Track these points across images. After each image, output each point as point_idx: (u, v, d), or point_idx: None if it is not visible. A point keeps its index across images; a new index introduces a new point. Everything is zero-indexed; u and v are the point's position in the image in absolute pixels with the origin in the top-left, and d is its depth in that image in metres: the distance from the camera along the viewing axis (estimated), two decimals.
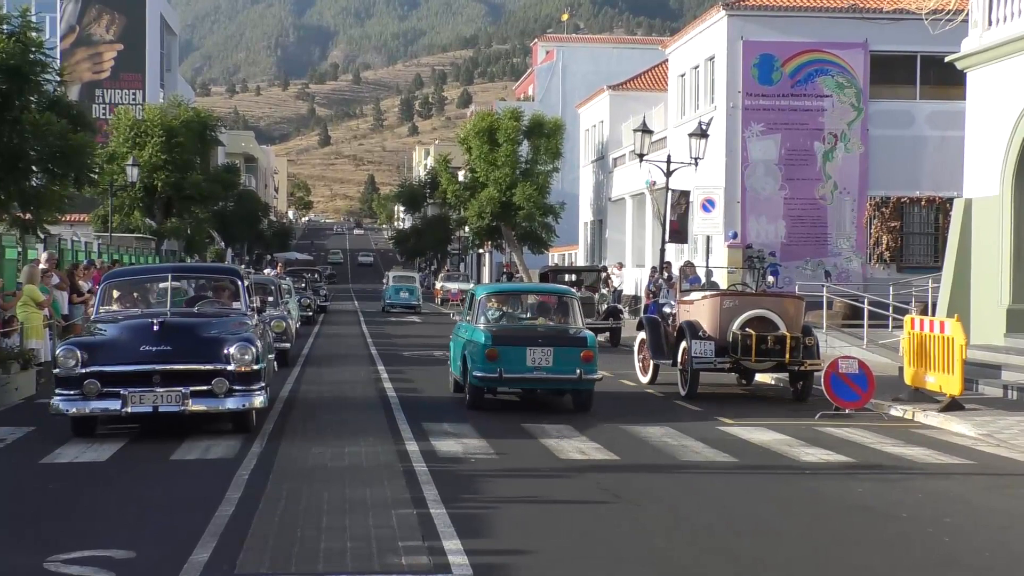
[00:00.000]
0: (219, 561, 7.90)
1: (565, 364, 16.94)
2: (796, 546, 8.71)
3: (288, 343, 23.92)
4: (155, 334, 13.06)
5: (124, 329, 13.69)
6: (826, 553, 8.51)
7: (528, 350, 17.04)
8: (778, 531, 9.18)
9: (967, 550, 8.70)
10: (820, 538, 9.03)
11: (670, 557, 8.32)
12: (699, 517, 9.75)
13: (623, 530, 9.26)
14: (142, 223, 48.68)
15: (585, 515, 9.82)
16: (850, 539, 8.97)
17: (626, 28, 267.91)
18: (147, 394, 12.82)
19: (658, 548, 8.63)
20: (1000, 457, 13.15)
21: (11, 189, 24.86)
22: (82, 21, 62.98)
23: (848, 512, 9.99)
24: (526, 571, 7.86)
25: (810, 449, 13.29)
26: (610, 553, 8.45)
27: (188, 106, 54.51)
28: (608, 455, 12.78)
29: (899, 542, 8.90)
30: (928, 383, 16.82)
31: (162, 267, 20.61)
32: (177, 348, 13.05)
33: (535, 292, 22.14)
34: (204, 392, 12.91)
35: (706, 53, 38.98)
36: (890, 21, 34.35)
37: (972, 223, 21.47)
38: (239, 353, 12.99)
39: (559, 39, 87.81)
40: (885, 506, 10.24)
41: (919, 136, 35.86)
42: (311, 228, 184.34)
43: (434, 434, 14.14)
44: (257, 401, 13.37)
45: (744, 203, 36.22)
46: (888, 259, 36.37)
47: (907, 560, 8.32)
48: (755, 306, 18.76)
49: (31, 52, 24.66)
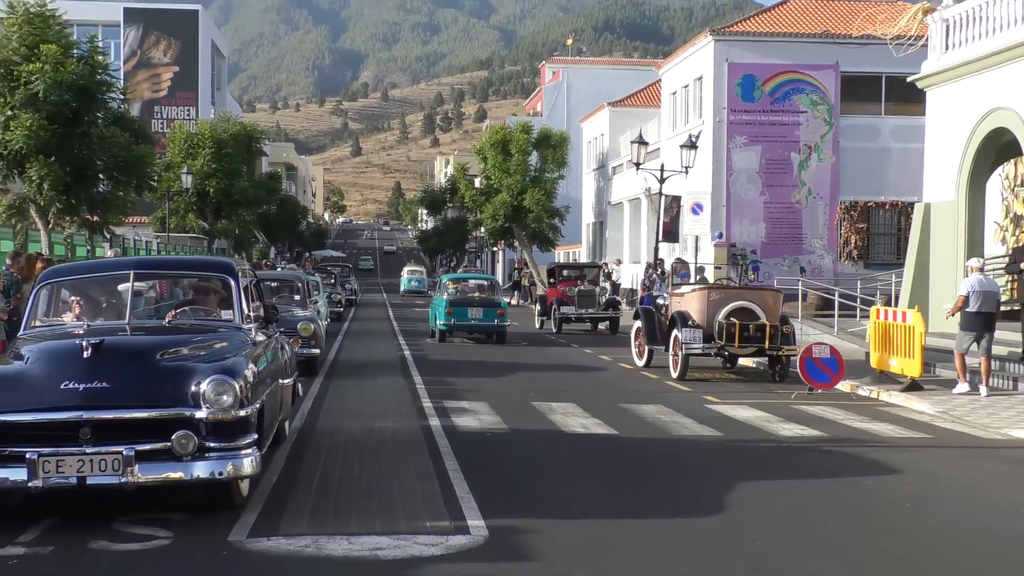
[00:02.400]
0: (264, 522, 7.95)
1: (489, 317, 27.11)
2: (774, 510, 8.72)
3: (318, 348, 18.76)
4: (85, 364, 7.54)
5: (42, 356, 7.98)
6: (799, 516, 8.52)
7: (469, 309, 27.15)
8: (758, 498, 9.19)
9: (927, 514, 8.71)
10: (795, 503, 9.03)
11: (660, 518, 8.35)
12: (688, 485, 9.78)
13: (623, 496, 9.29)
14: (195, 224, 48.77)
15: (589, 483, 9.83)
16: (821, 505, 8.98)
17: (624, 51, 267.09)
18: (68, 458, 7.33)
19: (653, 511, 8.66)
20: (955, 432, 13.15)
21: (81, 195, 24.97)
22: (143, 46, 63.07)
23: (820, 481, 9.99)
24: (536, 533, 7.86)
25: (787, 425, 13.31)
26: (613, 515, 8.48)
27: (236, 121, 54.54)
28: (608, 430, 12.79)
29: (865, 507, 8.92)
30: (891, 366, 16.83)
31: (121, 261, 12.10)
32: (118, 385, 7.55)
33: (474, 278, 32.96)
34: (158, 453, 7.51)
35: (695, 73, 38.98)
36: (858, 46, 34.23)
37: (931, 225, 21.45)
38: (214, 392, 7.56)
39: (564, 61, 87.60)
40: (853, 475, 10.26)
41: (884, 148, 35.90)
42: (345, 229, 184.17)
43: (453, 411, 14.14)
44: (246, 464, 7.74)
45: (729, 207, 36.29)
46: (856, 256, 36.22)
47: (873, 523, 8.32)
48: (738, 298, 18.78)
49: (98, 73, 24.75)
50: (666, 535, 7.90)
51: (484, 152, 53.87)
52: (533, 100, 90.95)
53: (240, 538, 7.51)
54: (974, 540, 7.90)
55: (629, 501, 9.04)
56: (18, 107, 23.00)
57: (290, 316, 17.64)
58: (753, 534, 7.90)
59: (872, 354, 17.64)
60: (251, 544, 7.39)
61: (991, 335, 15.87)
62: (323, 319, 23.55)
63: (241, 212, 51.06)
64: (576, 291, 31.49)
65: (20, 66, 23.13)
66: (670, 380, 18.26)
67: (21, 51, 23.36)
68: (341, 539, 7.51)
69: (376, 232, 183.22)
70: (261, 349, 9.40)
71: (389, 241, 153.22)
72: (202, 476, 7.56)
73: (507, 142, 52.29)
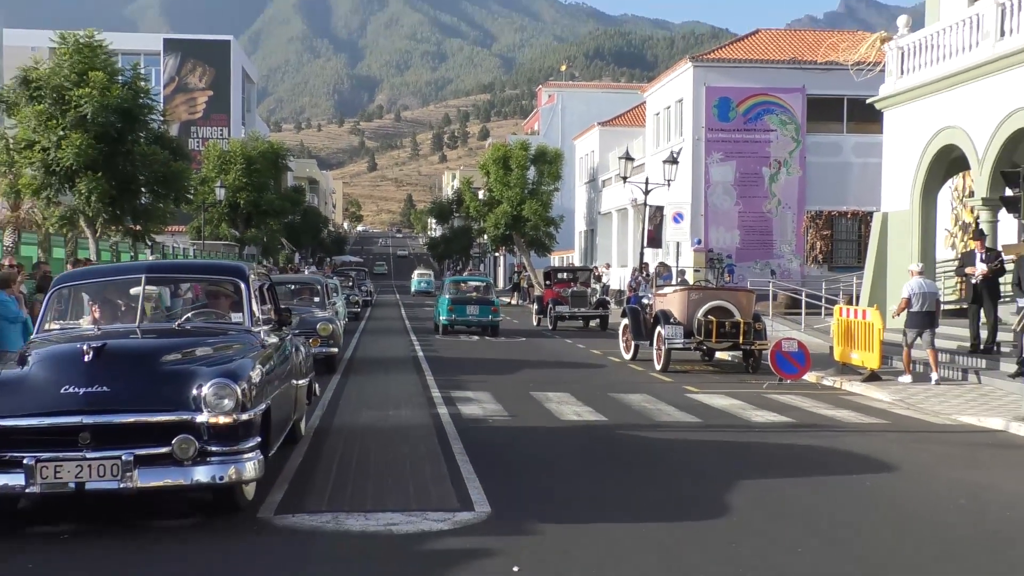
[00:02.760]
0: (290, 501, 7.96)
1: (484, 313, 28.42)
2: (747, 487, 8.70)
3: (335, 347, 17.82)
4: (86, 368, 6.84)
5: (45, 360, 7.19)
6: (769, 492, 8.51)
7: (467, 306, 28.71)
8: (733, 476, 9.17)
9: (884, 489, 8.70)
10: (765, 480, 9.02)
11: (647, 494, 8.36)
12: (671, 463, 9.78)
13: (611, 474, 9.29)
14: (228, 233, 48.84)
15: (581, 463, 9.83)
16: (790, 482, 8.97)
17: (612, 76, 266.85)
18: (66, 463, 6.60)
19: (640, 487, 8.65)
20: (910, 418, 13.14)
21: (125, 206, 25.04)
22: (180, 72, 63.15)
23: (789, 461, 9.98)
24: (534, 507, 7.87)
25: (759, 412, 13.31)
26: (601, 492, 8.47)
27: (264, 140, 54.68)
28: (598, 416, 12.78)
29: (829, 484, 8.92)
30: (853, 359, 16.82)
31: (133, 266, 10.83)
32: (119, 389, 6.82)
33: (472, 280, 35.14)
34: (159, 457, 6.78)
35: (676, 96, 39.00)
36: (822, 71, 34.25)
37: (888, 232, 21.43)
38: (215, 396, 6.83)
39: (559, 85, 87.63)
40: (819, 456, 10.25)
41: (846, 162, 35.97)
42: (362, 236, 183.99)
43: (460, 400, 14.13)
44: (249, 469, 6.97)
45: (706, 216, 36.32)
46: (821, 260, 36.30)
47: (836, 498, 8.34)
48: (715, 298, 18.76)
49: (140, 97, 24.82)
50: (653, 504, 7.89)
51: (487, 167, 53.98)
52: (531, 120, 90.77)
53: (268, 515, 7.51)
54: (926, 514, 7.88)
55: (619, 482, 9.02)
56: (69, 128, 23.04)
57: (310, 317, 17.29)
58: (728, 507, 7.90)
59: (835, 348, 17.64)
60: (278, 520, 7.39)
61: (933, 330, 15.99)
62: (341, 319, 23.01)
63: (269, 222, 51.17)
64: (570, 292, 31.58)
65: (71, 91, 23.17)
66: (654, 372, 18.26)
67: (72, 78, 23.41)
68: (359, 516, 7.51)
69: (390, 239, 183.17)
70: (271, 351, 8.52)
71: (402, 247, 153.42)
72: (203, 481, 6.83)
73: (507, 158, 52.38)
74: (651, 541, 6.96)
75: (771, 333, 20.03)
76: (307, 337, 15.40)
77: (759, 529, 7.31)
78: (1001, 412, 12.87)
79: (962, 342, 17.24)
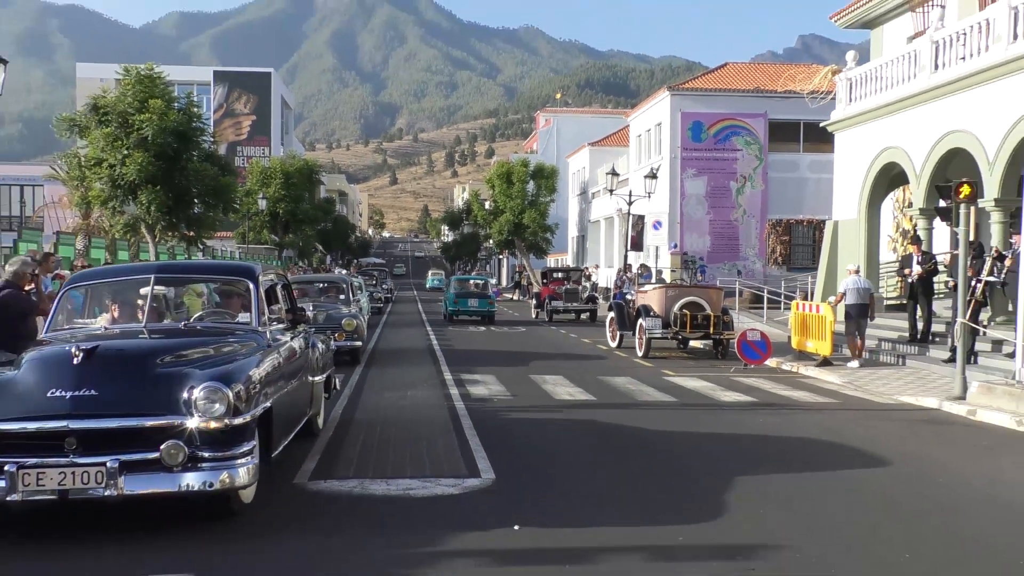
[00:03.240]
0: (321, 468, 7.97)
1: (482, 305, 29.97)
2: (719, 456, 8.72)
3: (360, 341, 16.89)
4: (74, 371, 5.83)
5: (35, 362, 6.10)
6: (728, 458, 8.51)
7: (468, 300, 30.24)
8: (701, 445, 9.20)
9: (835, 460, 8.70)
10: (734, 449, 9.02)
11: (631, 465, 8.36)
12: (651, 437, 9.77)
13: (599, 446, 9.29)
14: (268, 238, 48.77)
15: (573, 436, 9.84)
16: (752, 453, 8.97)
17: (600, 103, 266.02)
18: (49, 470, 5.60)
19: (627, 457, 8.67)
20: (858, 397, 13.16)
21: (180, 215, 25.02)
22: (228, 100, 63.09)
23: (753, 436, 9.98)
24: (531, 473, 7.89)
25: (727, 392, 13.31)
26: (590, 460, 8.48)
27: (300, 158, 54.52)
28: (588, 396, 12.79)
29: (786, 455, 8.92)
30: (808, 347, 16.83)
31: (143, 266, 9.09)
32: (107, 392, 5.78)
33: (473, 279, 35.78)
34: (147, 463, 5.74)
35: (655, 120, 38.95)
36: (782, 99, 34.20)
37: (838, 237, 21.42)
38: (205, 399, 5.80)
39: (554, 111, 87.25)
40: (779, 431, 10.25)
41: (802, 177, 35.88)
42: (385, 241, 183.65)
43: (469, 382, 14.14)
44: (242, 474, 5.93)
45: (682, 223, 36.27)
46: (780, 262, 36.36)
47: (792, 464, 8.33)
48: (689, 294, 18.77)
49: (193, 121, 24.77)
50: (634, 471, 7.91)
51: (492, 182, 53.84)
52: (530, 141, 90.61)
53: (303, 481, 7.53)
54: (872, 479, 7.88)
55: (605, 453, 9.04)
56: (132, 148, 23.04)
57: (336, 313, 16.76)
58: (694, 467, 7.93)
59: (793, 337, 17.64)
60: (311, 485, 7.41)
61: (865, 321, 16.42)
62: (365, 314, 22.27)
63: (304, 228, 51.13)
64: (564, 289, 31.57)
65: (134, 116, 23.16)
66: (636, 358, 18.26)
67: (134, 104, 23.40)
68: (380, 481, 7.52)
69: (409, 244, 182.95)
70: (278, 351, 7.38)
71: (419, 250, 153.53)
72: (193, 487, 5.76)
73: (510, 174, 52.26)
74: (632, 499, 6.97)
75: (737, 324, 20.03)
76: (333, 331, 15.27)
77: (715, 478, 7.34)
78: (935, 393, 12.88)
79: (902, 332, 17.24)
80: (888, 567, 5.50)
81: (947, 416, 11.62)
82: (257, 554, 5.70)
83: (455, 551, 5.76)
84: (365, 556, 5.68)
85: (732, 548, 5.84)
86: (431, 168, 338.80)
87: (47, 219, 39.83)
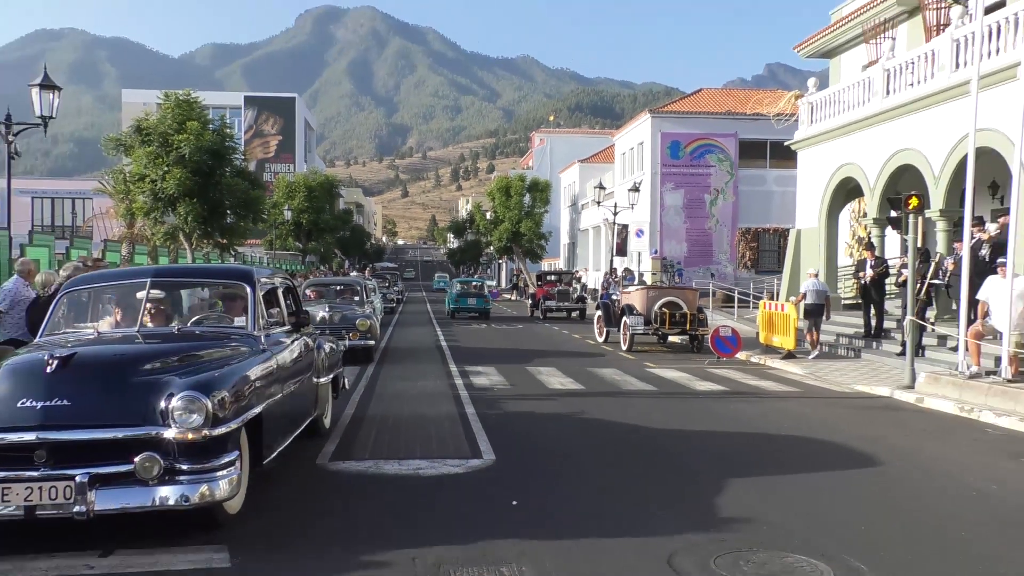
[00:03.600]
0: (340, 451, 7.98)
1: (479, 303, 30.81)
2: (688, 437, 8.73)
3: (373, 340, 16.06)
4: (46, 380, 4.96)
5: (7, 371, 5.15)
6: (704, 440, 8.53)
7: (467, 298, 31.11)
8: (681, 431, 9.21)
9: (797, 441, 8.73)
10: (702, 430, 9.04)
11: (616, 447, 8.37)
12: (634, 422, 9.78)
13: (587, 429, 9.29)
14: (293, 245, 48.80)
15: (565, 418, 9.83)
16: (724, 436, 8.98)
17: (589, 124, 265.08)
18: (15, 485, 4.76)
19: (612, 440, 8.68)
20: (818, 387, 13.17)
21: (214, 225, 25.00)
22: (257, 122, 63.06)
23: (726, 420, 10.00)
24: (529, 452, 7.90)
25: (702, 382, 13.33)
26: (581, 444, 8.47)
27: (321, 173, 54.54)
28: (578, 386, 12.80)
29: (754, 437, 8.92)
30: (774, 342, 16.86)
31: (140, 270, 7.75)
32: (80, 403, 4.92)
33: (471, 281, 36.09)
34: (121, 476, 4.89)
35: (638, 140, 38.98)
36: (751, 120, 34.31)
37: (801, 244, 21.45)
38: (183, 409, 4.97)
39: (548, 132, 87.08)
40: (748, 417, 10.27)
41: (769, 191, 35.93)
42: (396, 248, 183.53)
43: (472, 374, 14.16)
44: (222, 487, 5.07)
45: (661, 232, 36.30)
46: (750, 266, 36.38)
47: (760, 446, 8.35)
48: (668, 295, 18.81)
49: (226, 141, 24.76)
50: (620, 452, 7.92)
51: (492, 195, 53.82)
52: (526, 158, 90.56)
53: (324, 462, 7.54)
54: (830, 457, 7.91)
55: (593, 436, 9.04)
56: (171, 165, 23.05)
57: (351, 314, 16.17)
58: (669, 444, 7.94)
59: (760, 333, 17.67)
60: (331, 466, 7.42)
61: (820, 319, 16.66)
62: (378, 314, 21.70)
63: (325, 236, 51.12)
64: (556, 290, 31.60)
65: (173, 136, 23.18)
66: (621, 351, 18.28)
67: (174, 126, 23.40)
68: (393, 462, 7.52)
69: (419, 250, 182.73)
70: (274, 355, 6.50)
71: (427, 256, 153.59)
72: (169, 502, 4.90)
73: (508, 188, 52.26)
74: (616, 477, 7.00)
75: (711, 322, 20.06)
76: (348, 331, 15.32)
77: (690, 454, 7.36)
78: (887, 382, 12.91)
79: (858, 329, 17.27)
80: (836, 528, 5.53)
81: (898, 403, 11.63)
82: (283, 528, 5.71)
83: (458, 523, 5.77)
84: (378, 528, 5.69)
85: (704, 520, 5.86)
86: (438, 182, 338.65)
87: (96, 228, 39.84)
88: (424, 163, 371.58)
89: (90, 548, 5.13)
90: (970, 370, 11.67)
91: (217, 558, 5.01)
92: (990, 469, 7.65)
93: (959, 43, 15.08)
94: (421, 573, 4.81)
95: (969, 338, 11.74)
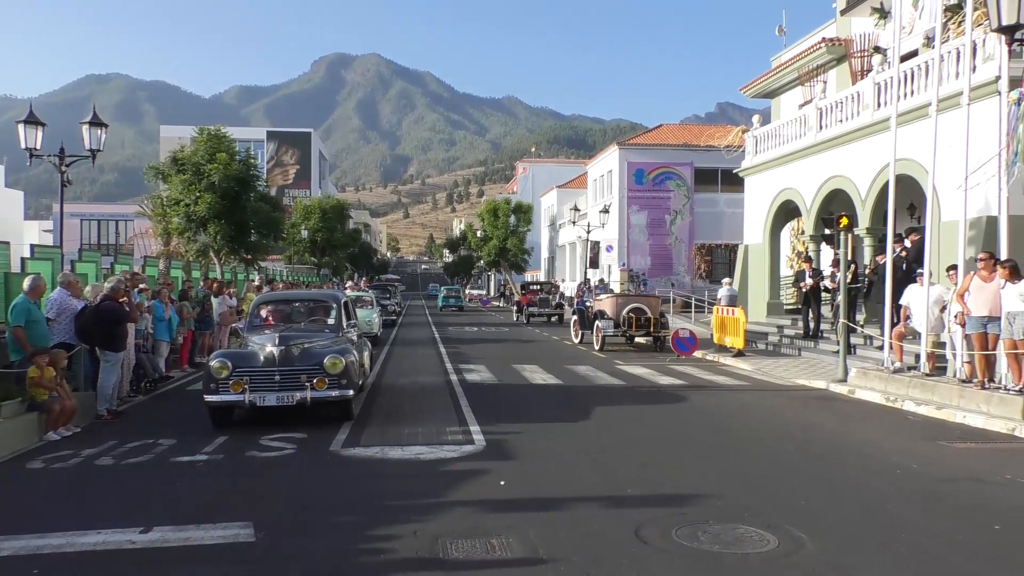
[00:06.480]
0: (351, 439, 7.94)
1: (457, 302, 41.49)
2: (653, 425, 8.74)
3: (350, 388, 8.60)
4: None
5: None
6: (667, 428, 8.54)
7: (450, 299, 41.56)
8: (644, 416, 9.21)
9: (746, 427, 8.75)
10: (665, 419, 9.05)
11: (592, 435, 8.35)
12: (606, 410, 9.76)
13: (566, 418, 9.27)
14: (309, 260, 48.63)
15: (546, 409, 9.79)
16: (682, 420, 8.99)
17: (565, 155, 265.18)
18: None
19: (588, 428, 8.65)
20: (765, 381, 13.21)
21: (240, 243, 24.89)
22: (278, 153, 62.81)
23: (683, 409, 10.01)
24: (515, 439, 7.86)
25: (664, 377, 13.34)
26: (560, 431, 8.43)
27: (333, 198, 54.34)
28: (557, 380, 12.79)
29: (710, 424, 8.93)
30: (726, 342, 16.90)
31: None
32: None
33: (453, 289, 45.57)
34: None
35: (608, 168, 39.10)
36: (705, 151, 34.50)
37: (748, 258, 21.53)
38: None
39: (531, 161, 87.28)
40: (703, 406, 10.28)
41: (721, 212, 36.08)
42: (399, 262, 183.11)
43: (465, 371, 14.11)
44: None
45: (628, 247, 36.38)
46: (704, 276, 36.51)
47: (715, 432, 8.33)
48: (634, 302, 18.82)
49: (251, 170, 24.64)
50: (594, 439, 7.90)
51: (482, 216, 53.90)
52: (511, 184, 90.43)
53: (337, 448, 7.50)
54: (770, 439, 7.93)
55: (571, 424, 9.02)
56: (203, 191, 22.95)
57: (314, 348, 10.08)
58: (636, 431, 7.94)
59: (714, 334, 17.72)
60: (343, 452, 7.38)
61: None
62: (378, 328, 20.80)
63: (337, 252, 50.95)
64: (538, 298, 31.64)
65: (204, 166, 23.07)
66: (594, 351, 18.28)
67: (205, 157, 23.29)
68: (397, 448, 7.50)
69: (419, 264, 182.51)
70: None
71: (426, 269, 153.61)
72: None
73: (496, 210, 52.36)
74: (592, 462, 6.98)
75: (672, 324, 20.10)
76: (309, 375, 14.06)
77: (658, 447, 7.35)
78: (824, 377, 12.96)
79: (798, 331, 17.35)
80: (780, 502, 5.53)
81: (833, 394, 11.69)
82: (300, 506, 5.67)
83: (453, 500, 5.74)
84: (384, 506, 5.66)
85: (667, 496, 5.86)
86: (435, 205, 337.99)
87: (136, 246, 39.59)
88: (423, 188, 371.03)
89: (132, 525, 5.09)
90: (894, 366, 11.76)
91: (243, 533, 4.97)
92: (911, 450, 7.69)
93: (880, 86, 15.25)
94: (422, 545, 4.78)
95: (893, 338, 11.85)
